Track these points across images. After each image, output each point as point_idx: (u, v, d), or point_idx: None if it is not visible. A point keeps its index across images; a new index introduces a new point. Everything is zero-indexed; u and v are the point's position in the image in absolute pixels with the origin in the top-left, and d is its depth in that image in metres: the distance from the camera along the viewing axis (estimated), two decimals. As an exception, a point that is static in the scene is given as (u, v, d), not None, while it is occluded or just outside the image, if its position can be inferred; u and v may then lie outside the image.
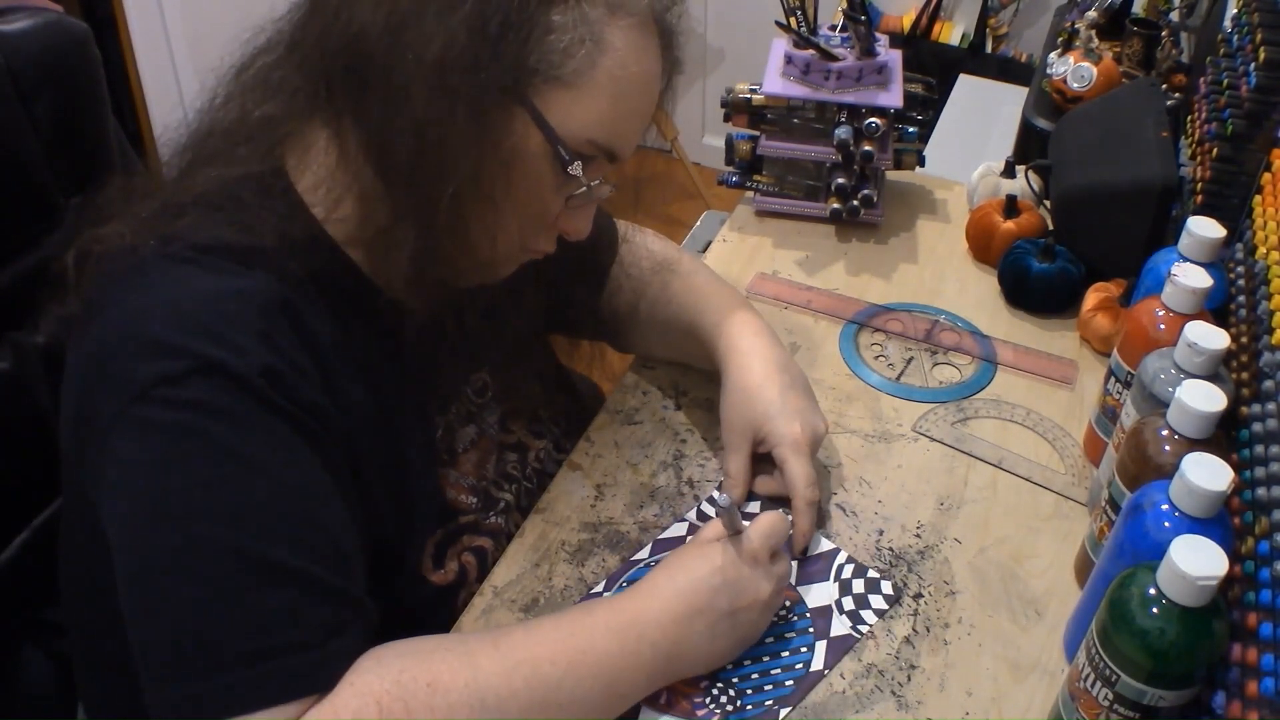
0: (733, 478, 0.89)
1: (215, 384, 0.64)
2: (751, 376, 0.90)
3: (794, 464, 0.85)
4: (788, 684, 0.78)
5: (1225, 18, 1.14)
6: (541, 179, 0.72)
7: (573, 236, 0.78)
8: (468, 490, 0.86)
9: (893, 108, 1.17)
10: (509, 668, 0.67)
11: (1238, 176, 0.97)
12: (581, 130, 0.71)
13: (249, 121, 0.75)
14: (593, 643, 0.71)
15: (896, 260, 1.22)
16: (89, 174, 0.95)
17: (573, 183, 0.73)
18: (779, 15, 1.16)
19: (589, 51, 0.69)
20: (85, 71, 0.95)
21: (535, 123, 0.69)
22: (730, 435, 0.90)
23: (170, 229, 0.70)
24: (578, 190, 0.74)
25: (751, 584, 0.76)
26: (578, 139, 0.71)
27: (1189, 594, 0.61)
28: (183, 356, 0.64)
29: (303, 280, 0.71)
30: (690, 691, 0.77)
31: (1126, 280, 1.06)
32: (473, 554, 0.85)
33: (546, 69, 0.68)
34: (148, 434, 0.64)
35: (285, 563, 0.63)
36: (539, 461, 0.95)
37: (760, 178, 1.26)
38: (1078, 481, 0.95)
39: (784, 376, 0.90)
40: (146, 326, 0.65)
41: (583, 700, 0.70)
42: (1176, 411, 0.73)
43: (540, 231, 0.77)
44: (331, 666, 0.64)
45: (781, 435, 0.86)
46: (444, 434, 0.86)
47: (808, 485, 0.85)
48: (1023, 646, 0.81)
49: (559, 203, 0.75)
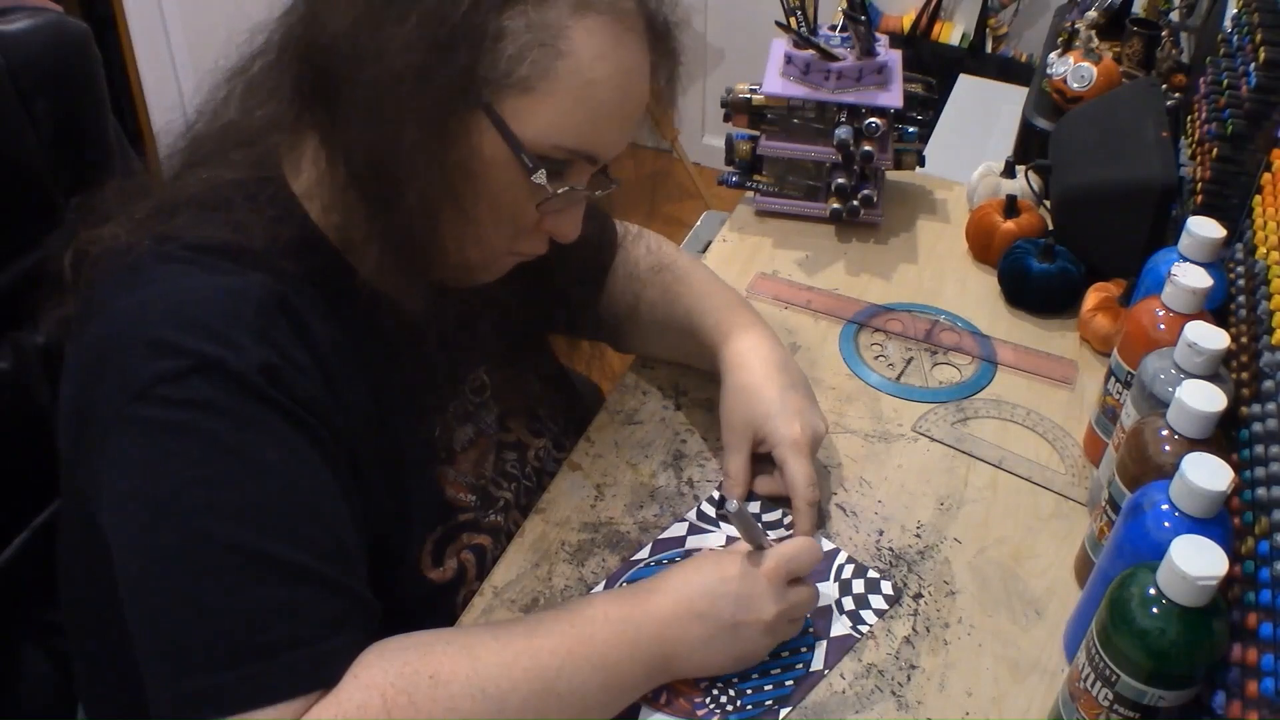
0: (732, 477, 0.89)
1: (214, 382, 0.64)
2: (751, 376, 0.90)
3: (794, 464, 0.85)
4: (787, 684, 0.78)
5: (1225, 18, 1.14)
6: (510, 186, 0.71)
7: (560, 239, 0.78)
8: (466, 488, 0.86)
9: (893, 108, 1.17)
10: (509, 659, 0.68)
11: (1238, 176, 0.97)
12: (546, 135, 0.69)
13: (245, 124, 0.75)
14: (592, 633, 0.71)
15: (896, 260, 1.22)
16: (89, 174, 0.95)
17: (541, 190, 0.72)
18: (779, 15, 1.16)
19: (543, 55, 0.67)
20: (85, 71, 0.95)
21: (496, 130, 0.69)
22: (730, 435, 0.90)
23: (166, 229, 0.70)
24: (546, 198, 0.73)
25: (759, 601, 0.75)
26: (542, 144, 0.70)
27: (1189, 594, 0.61)
28: (181, 355, 0.64)
29: (300, 280, 0.71)
30: (690, 691, 0.77)
31: (1126, 280, 1.06)
32: (471, 552, 0.85)
33: (500, 76, 0.67)
34: (148, 432, 0.64)
35: (287, 558, 0.64)
36: (538, 460, 0.95)
37: (760, 178, 1.26)
38: (1078, 481, 0.95)
39: (784, 376, 0.90)
40: (144, 326, 0.65)
41: (582, 691, 0.70)
42: (1176, 411, 0.73)
43: (521, 235, 0.76)
44: (335, 661, 0.64)
45: (781, 435, 0.86)
46: (442, 432, 0.86)
47: (808, 485, 0.85)
48: (1023, 646, 0.81)
49: (531, 208, 0.74)
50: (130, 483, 0.64)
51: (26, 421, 0.92)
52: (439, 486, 0.84)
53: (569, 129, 0.70)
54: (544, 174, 0.71)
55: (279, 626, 0.63)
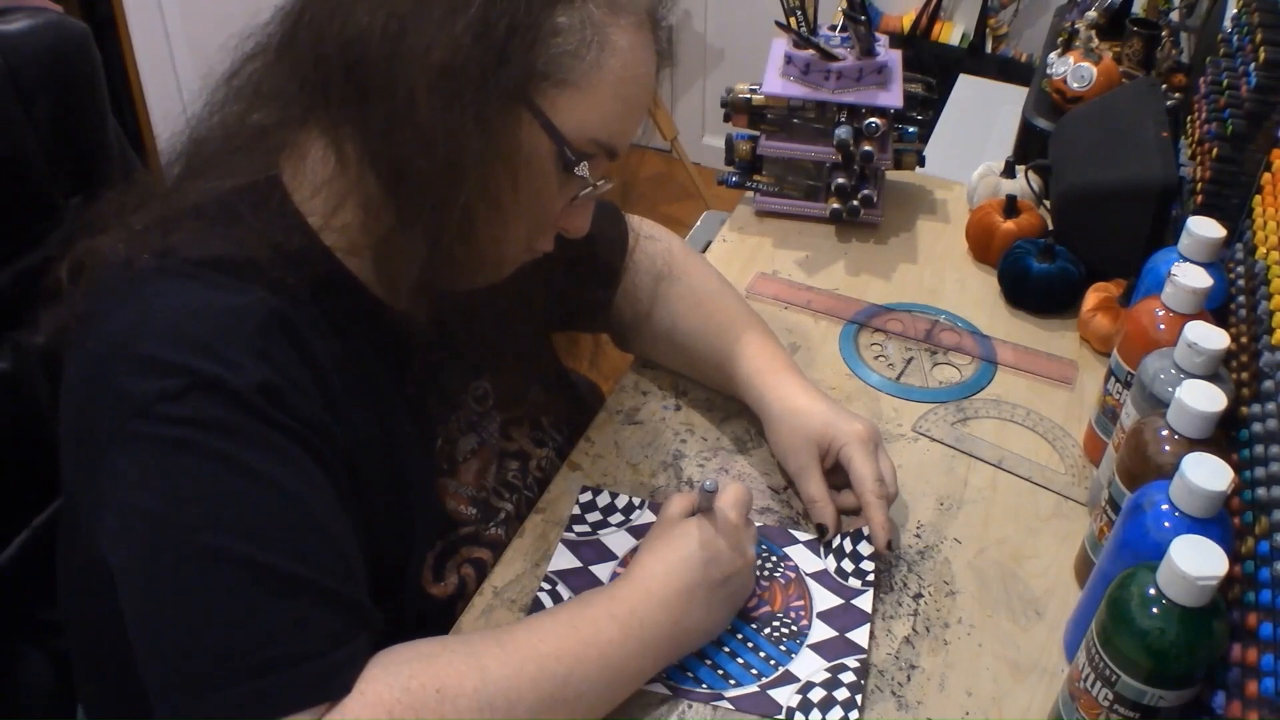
0: (819, 501, 0.88)
1: (214, 400, 0.63)
2: (798, 399, 0.91)
3: (859, 460, 0.86)
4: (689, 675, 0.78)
5: (1225, 18, 1.14)
6: (547, 180, 0.72)
7: (573, 234, 0.78)
8: (467, 500, 0.86)
9: (893, 108, 1.17)
10: (515, 668, 0.68)
11: (1238, 176, 0.97)
12: (586, 130, 0.70)
13: (242, 130, 0.74)
14: (597, 634, 0.71)
15: (896, 260, 1.22)
16: (88, 174, 0.95)
17: (577, 182, 0.73)
18: (779, 15, 1.16)
19: (596, 53, 0.68)
20: (85, 71, 0.95)
21: (541, 125, 0.69)
22: (796, 459, 0.90)
23: (166, 243, 0.69)
24: (583, 190, 0.74)
25: (736, 552, 0.78)
26: (581, 139, 0.71)
27: (1189, 594, 0.61)
28: (180, 374, 0.63)
29: (300, 294, 0.70)
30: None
31: (1126, 280, 1.06)
32: (472, 566, 0.85)
33: (554, 71, 0.68)
34: (148, 450, 0.63)
35: (290, 572, 0.63)
36: (540, 470, 0.95)
37: (760, 178, 1.26)
38: (1078, 481, 0.95)
39: (822, 394, 0.92)
40: (143, 342, 0.65)
41: (590, 691, 0.70)
42: (1176, 411, 0.73)
43: (543, 231, 0.77)
44: (341, 675, 0.64)
45: (847, 433, 0.87)
46: (444, 444, 0.85)
47: (875, 480, 0.85)
48: (1023, 646, 0.81)
49: (563, 202, 0.75)
50: (130, 499, 0.64)
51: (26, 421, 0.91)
52: (440, 500, 0.84)
53: (604, 124, 0.71)
54: (586, 166, 0.71)
55: (283, 641, 0.62)
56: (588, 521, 0.89)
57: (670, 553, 0.76)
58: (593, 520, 0.89)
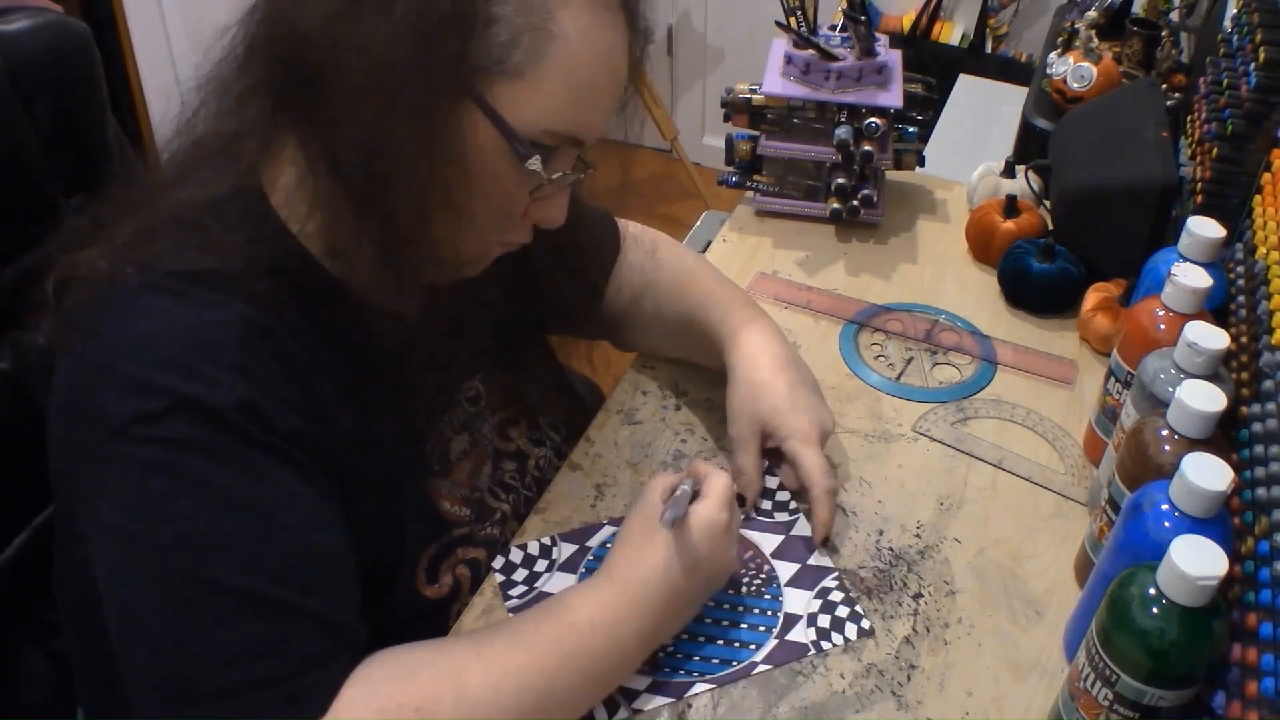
0: (747, 474, 0.89)
1: (192, 420, 0.63)
2: (759, 372, 0.90)
3: (806, 455, 0.85)
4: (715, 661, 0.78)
5: (1225, 18, 1.14)
6: (501, 175, 0.70)
7: (547, 225, 0.77)
8: (460, 501, 0.85)
9: (893, 108, 1.17)
10: (495, 682, 0.67)
11: (1238, 176, 0.97)
12: (537, 121, 0.68)
13: (218, 133, 0.73)
14: (580, 646, 0.71)
15: (896, 260, 1.22)
16: (88, 174, 0.95)
17: (533, 176, 0.71)
18: (779, 15, 1.16)
19: (535, 40, 0.66)
20: (85, 71, 0.95)
21: (488, 118, 0.67)
22: (738, 430, 0.90)
23: (146, 255, 0.68)
24: (539, 184, 0.72)
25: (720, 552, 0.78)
26: (533, 130, 0.68)
27: (1189, 594, 0.61)
28: (160, 394, 0.63)
29: (282, 302, 0.69)
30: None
31: (1126, 280, 1.06)
32: (467, 566, 0.84)
33: (491, 63, 0.66)
34: (125, 471, 0.63)
35: (266, 594, 0.63)
36: (539, 470, 0.95)
37: (760, 178, 1.26)
38: (1078, 481, 0.95)
39: (792, 372, 0.90)
40: (124, 362, 0.64)
41: (573, 699, 0.71)
42: (1176, 411, 0.73)
43: (509, 225, 0.75)
44: (314, 698, 0.63)
45: (791, 428, 0.86)
46: (435, 444, 0.85)
47: (824, 474, 0.85)
48: (1023, 646, 0.81)
49: (523, 196, 0.73)
50: (106, 519, 0.64)
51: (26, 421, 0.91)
52: (431, 500, 0.83)
53: (559, 114, 0.69)
54: (538, 160, 0.69)
55: (258, 662, 0.62)
56: (518, 583, 0.84)
57: (657, 558, 0.75)
58: (522, 579, 0.85)
